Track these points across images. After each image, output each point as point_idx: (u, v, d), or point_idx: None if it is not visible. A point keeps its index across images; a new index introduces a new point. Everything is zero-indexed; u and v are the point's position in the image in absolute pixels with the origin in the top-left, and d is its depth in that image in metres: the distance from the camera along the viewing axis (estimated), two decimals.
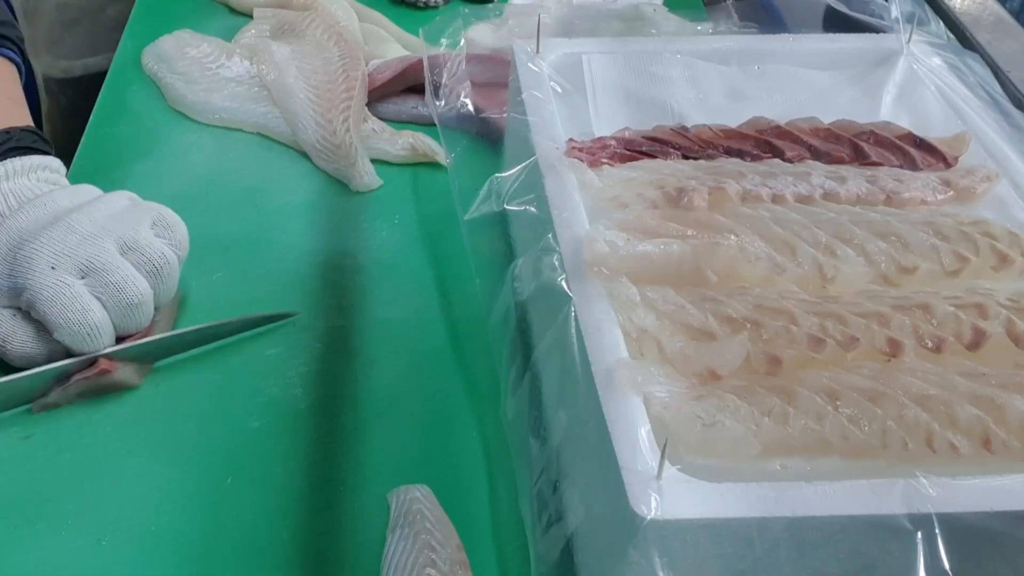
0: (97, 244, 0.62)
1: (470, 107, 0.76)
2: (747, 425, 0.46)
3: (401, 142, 0.85)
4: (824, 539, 0.44)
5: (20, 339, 0.63)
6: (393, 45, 0.97)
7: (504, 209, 0.65)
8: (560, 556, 0.53)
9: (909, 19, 0.76)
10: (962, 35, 0.86)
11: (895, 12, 0.77)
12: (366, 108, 0.88)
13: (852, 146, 0.66)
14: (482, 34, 0.90)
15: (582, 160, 0.62)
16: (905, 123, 0.68)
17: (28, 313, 0.63)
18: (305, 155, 0.85)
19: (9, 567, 0.55)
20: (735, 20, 0.92)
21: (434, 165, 0.85)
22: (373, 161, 0.84)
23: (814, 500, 0.43)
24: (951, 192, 0.62)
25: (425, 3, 1.06)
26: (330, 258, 0.75)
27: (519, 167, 0.64)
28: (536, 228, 0.60)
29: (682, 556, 0.43)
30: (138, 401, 0.63)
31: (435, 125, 0.77)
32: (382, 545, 0.55)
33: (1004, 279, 0.56)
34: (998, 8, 0.90)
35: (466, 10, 0.85)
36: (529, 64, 0.71)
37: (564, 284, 0.54)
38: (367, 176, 0.83)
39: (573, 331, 0.52)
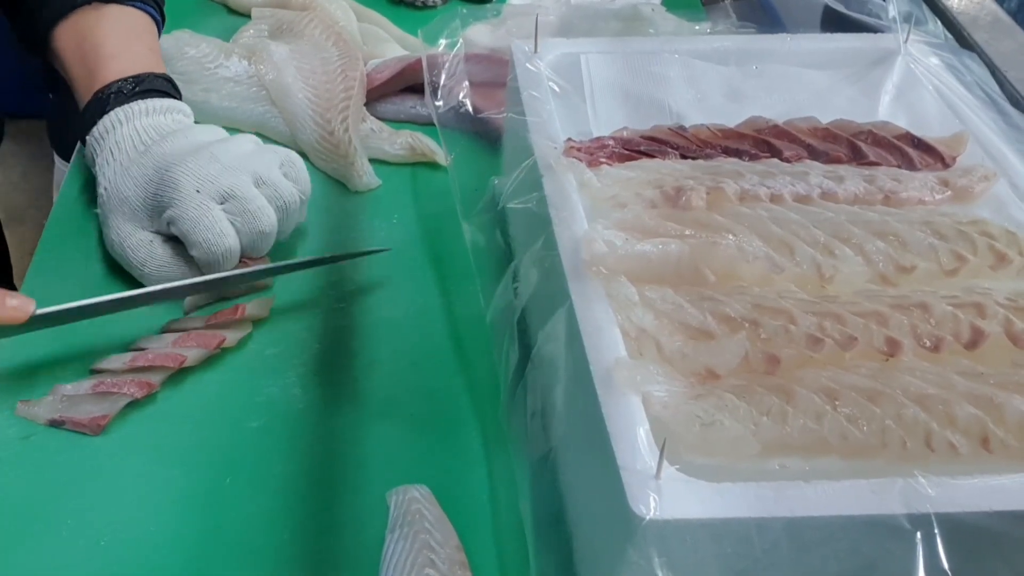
0: (237, 175, 0.68)
1: (469, 107, 0.76)
2: (746, 424, 0.46)
3: (400, 142, 0.85)
4: (823, 539, 0.44)
5: (157, 263, 0.70)
6: (391, 45, 0.97)
7: (503, 209, 0.65)
8: (559, 556, 0.53)
9: (907, 19, 0.76)
10: (960, 35, 0.86)
11: (893, 12, 0.77)
12: (364, 108, 0.88)
13: (850, 146, 0.66)
14: (480, 34, 0.90)
15: (580, 160, 0.62)
16: (903, 123, 0.68)
17: (163, 239, 0.70)
18: (304, 155, 0.85)
19: (9, 567, 0.55)
20: (733, 20, 0.92)
21: (433, 165, 0.85)
22: (372, 161, 0.84)
23: (813, 500, 0.43)
24: (949, 192, 0.62)
25: (423, 3, 1.06)
26: None
27: (518, 167, 0.64)
28: (535, 228, 0.60)
29: (681, 556, 0.43)
30: (137, 402, 0.63)
31: (433, 125, 0.77)
32: (381, 545, 0.55)
33: (1002, 278, 0.57)
34: (995, 8, 0.90)
35: (464, 10, 0.84)
36: (527, 64, 0.71)
37: (563, 284, 0.54)
38: (366, 176, 0.83)
39: (572, 331, 0.52)
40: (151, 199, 0.69)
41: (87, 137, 0.74)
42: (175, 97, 0.77)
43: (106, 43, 0.76)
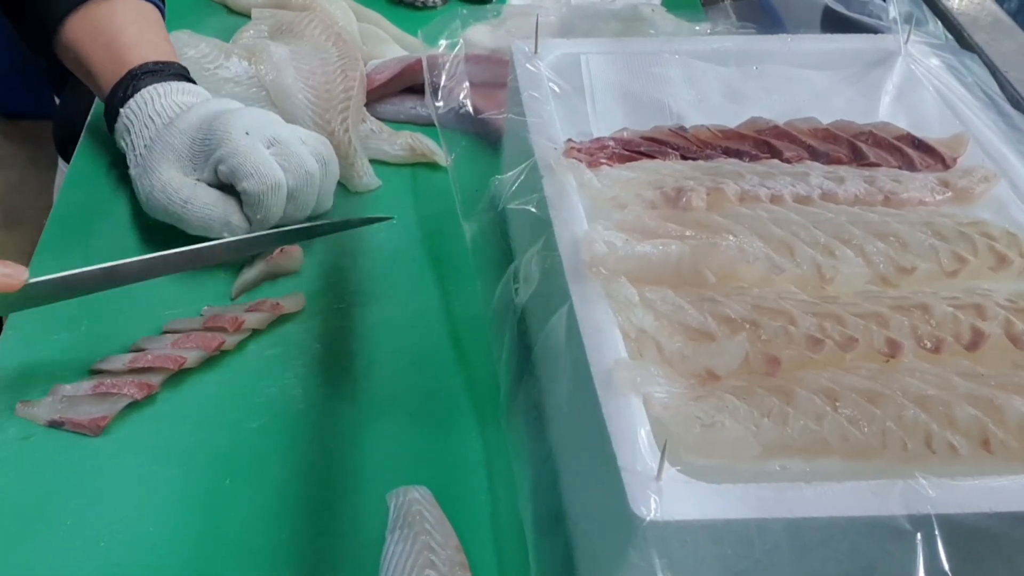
0: (282, 126, 0.73)
1: (469, 107, 0.76)
2: (746, 426, 0.46)
3: (400, 142, 0.85)
4: (824, 540, 0.44)
5: (200, 202, 0.71)
6: (391, 45, 0.97)
7: (504, 209, 0.65)
8: (559, 557, 0.53)
9: (907, 19, 0.76)
10: (960, 35, 0.86)
11: (893, 12, 0.77)
12: (364, 108, 0.88)
13: (850, 147, 0.66)
14: (480, 34, 0.90)
15: (580, 160, 0.62)
16: (903, 124, 0.68)
17: (206, 185, 0.72)
18: None
19: (8, 568, 0.55)
20: (733, 20, 0.92)
21: (433, 165, 0.85)
22: (372, 161, 0.84)
23: (813, 501, 0.43)
24: (949, 193, 0.62)
25: (423, 3, 1.06)
26: (329, 259, 0.75)
27: (518, 168, 0.64)
28: (535, 228, 0.60)
29: (682, 557, 0.43)
30: (137, 403, 0.63)
31: (433, 125, 0.77)
32: (381, 546, 0.55)
33: (1002, 279, 0.56)
34: (996, 8, 0.90)
35: (464, 10, 0.84)
36: (527, 64, 0.71)
37: (563, 284, 0.54)
38: (366, 176, 0.82)
39: (572, 331, 0.52)
40: (198, 144, 0.72)
41: (121, 109, 0.75)
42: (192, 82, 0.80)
43: (125, 33, 0.79)
